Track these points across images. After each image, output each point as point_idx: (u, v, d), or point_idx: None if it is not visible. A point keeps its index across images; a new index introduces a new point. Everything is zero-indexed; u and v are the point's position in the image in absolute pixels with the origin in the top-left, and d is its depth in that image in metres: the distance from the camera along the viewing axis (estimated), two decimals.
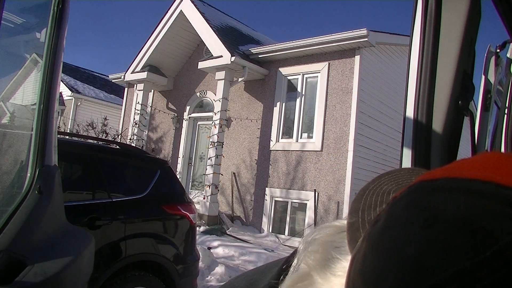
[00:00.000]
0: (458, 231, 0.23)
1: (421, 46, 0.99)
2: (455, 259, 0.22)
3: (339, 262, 0.33)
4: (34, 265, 1.41)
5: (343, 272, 0.31)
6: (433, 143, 0.97)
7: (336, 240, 0.35)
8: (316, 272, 0.33)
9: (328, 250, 0.34)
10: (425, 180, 0.28)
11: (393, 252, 0.25)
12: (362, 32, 7.81)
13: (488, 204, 0.23)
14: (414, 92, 1.00)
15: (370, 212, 0.34)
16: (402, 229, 0.26)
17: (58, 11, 1.57)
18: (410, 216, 0.26)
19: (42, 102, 1.58)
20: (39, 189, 1.53)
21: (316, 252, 0.34)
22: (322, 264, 0.33)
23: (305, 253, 0.35)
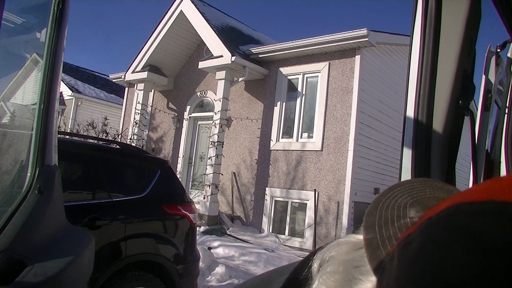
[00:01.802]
0: (508, 258, 0.21)
1: (421, 46, 0.99)
2: (504, 286, 0.21)
3: (362, 283, 0.32)
4: (34, 265, 1.41)
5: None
6: (433, 143, 0.97)
7: (355, 259, 0.33)
8: None
9: (348, 270, 0.33)
10: (465, 202, 0.26)
11: (434, 278, 0.24)
12: (362, 32, 7.81)
13: None
14: (415, 92, 1.00)
15: (388, 228, 0.33)
16: (443, 253, 0.24)
17: (58, 11, 1.57)
18: (452, 241, 0.25)
19: (42, 102, 1.58)
20: (39, 189, 1.53)
21: (336, 272, 0.33)
22: (343, 285, 0.32)
23: (324, 273, 0.34)
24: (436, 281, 0.23)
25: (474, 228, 0.24)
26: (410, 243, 0.27)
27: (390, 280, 0.27)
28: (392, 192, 0.36)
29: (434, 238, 0.26)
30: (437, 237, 0.26)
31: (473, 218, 0.25)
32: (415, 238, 0.27)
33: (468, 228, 0.24)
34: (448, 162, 0.98)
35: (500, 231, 0.22)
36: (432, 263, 0.24)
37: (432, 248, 0.25)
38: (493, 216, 0.24)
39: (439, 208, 0.27)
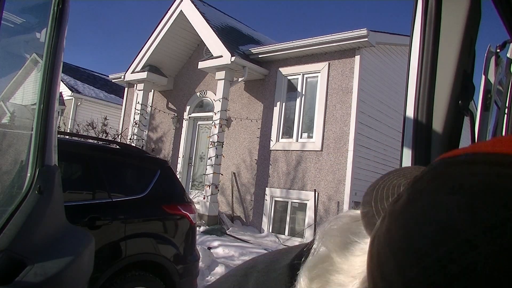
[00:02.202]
0: (485, 194, 0.25)
1: (421, 46, 0.99)
2: (484, 217, 0.24)
3: (358, 244, 0.34)
4: (34, 265, 1.41)
5: (362, 252, 0.33)
6: (433, 143, 0.97)
7: (353, 227, 0.36)
8: (336, 253, 0.35)
9: (347, 235, 0.36)
10: (447, 156, 0.30)
11: (422, 219, 0.26)
12: (362, 32, 7.81)
13: (511, 172, 0.25)
14: (414, 92, 1.00)
15: (383, 202, 0.36)
16: (429, 198, 0.27)
17: (58, 11, 1.57)
18: (436, 187, 0.28)
19: (42, 102, 1.58)
20: (39, 189, 1.53)
21: (336, 236, 0.36)
22: (341, 246, 0.35)
23: (324, 238, 0.37)
24: (427, 219, 0.26)
25: (454, 174, 0.27)
26: (399, 199, 0.30)
27: (381, 232, 0.29)
28: (388, 176, 0.40)
29: (419, 188, 0.29)
30: (422, 186, 0.29)
31: (453, 166, 0.28)
32: (403, 193, 0.30)
33: (450, 174, 0.28)
34: None
35: (475, 173, 0.26)
36: (420, 207, 0.27)
37: (418, 195, 0.28)
38: (469, 163, 0.27)
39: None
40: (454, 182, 0.27)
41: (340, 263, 0.34)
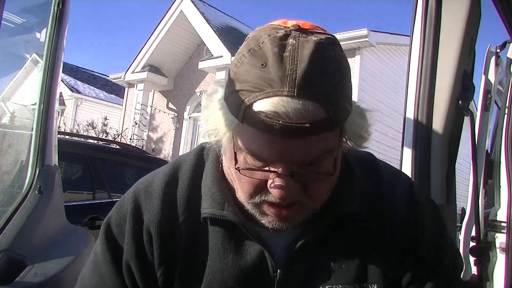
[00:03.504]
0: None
1: (421, 46, 0.99)
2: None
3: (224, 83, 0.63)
4: (34, 265, 1.41)
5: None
6: (433, 143, 0.97)
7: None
8: (219, 86, 0.64)
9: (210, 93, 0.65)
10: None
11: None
12: (362, 32, 7.80)
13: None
14: (414, 92, 1.00)
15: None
16: (241, 47, 0.58)
17: (59, 11, 1.57)
18: (244, 41, 0.59)
19: (42, 102, 1.57)
20: (39, 189, 1.53)
21: (218, 83, 0.65)
22: (219, 84, 0.64)
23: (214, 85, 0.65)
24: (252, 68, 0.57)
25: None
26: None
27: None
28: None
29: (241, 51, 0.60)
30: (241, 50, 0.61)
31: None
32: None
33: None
34: (448, 162, 0.98)
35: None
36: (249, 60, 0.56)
37: (242, 59, 0.58)
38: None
39: None
40: (247, 36, 0.59)
41: (220, 87, 0.63)
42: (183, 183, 0.69)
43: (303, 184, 0.57)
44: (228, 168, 0.63)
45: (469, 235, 1.60)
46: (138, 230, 0.66)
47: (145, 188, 0.70)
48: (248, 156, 0.57)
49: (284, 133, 0.51)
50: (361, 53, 8.13)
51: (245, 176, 0.58)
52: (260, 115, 0.52)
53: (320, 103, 0.52)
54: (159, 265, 0.65)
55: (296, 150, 0.54)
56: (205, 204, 0.65)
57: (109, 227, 0.69)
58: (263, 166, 0.57)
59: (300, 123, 0.51)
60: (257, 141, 0.54)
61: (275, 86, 0.51)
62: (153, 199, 0.68)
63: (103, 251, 0.68)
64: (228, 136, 0.58)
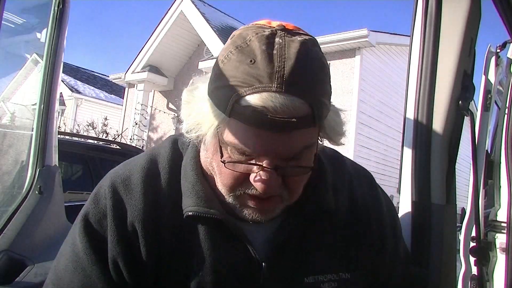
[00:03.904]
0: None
1: (421, 46, 0.99)
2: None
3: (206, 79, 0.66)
4: (34, 265, 1.41)
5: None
6: (433, 143, 0.97)
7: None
8: (200, 83, 0.66)
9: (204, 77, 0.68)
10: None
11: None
12: (362, 32, 7.80)
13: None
14: (415, 92, 1.00)
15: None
16: (225, 44, 0.63)
17: (59, 11, 1.57)
18: (229, 39, 0.64)
19: (42, 102, 1.58)
20: (40, 189, 1.53)
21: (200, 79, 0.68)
22: (202, 80, 0.67)
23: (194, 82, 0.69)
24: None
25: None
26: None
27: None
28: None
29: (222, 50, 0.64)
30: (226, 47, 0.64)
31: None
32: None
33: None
34: (448, 162, 0.98)
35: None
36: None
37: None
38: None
39: None
40: (233, 35, 0.64)
41: (201, 84, 0.65)
42: (164, 177, 0.69)
43: (283, 178, 0.60)
44: (210, 163, 0.65)
45: (469, 235, 1.60)
46: (122, 226, 0.65)
47: (123, 182, 0.68)
48: (233, 150, 0.58)
49: (272, 127, 0.54)
50: (361, 53, 8.13)
51: (227, 170, 0.60)
52: (249, 109, 0.54)
53: (305, 99, 0.55)
54: (146, 260, 0.65)
55: (281, 145, 0.56)
56: (189, 201, 0.65)
57: (88, 223, 0.67)
58: (248, 159, 0.58)
59: (287, 118, 0.53)
60: (244, 134, 0.56)
61: (263, 82, 0.54)
62: (134, 193, 0.67)
63: (86, 251, 0.66)
64: (213, 130, 0.59)
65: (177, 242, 0.66)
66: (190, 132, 0.63)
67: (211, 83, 0.61)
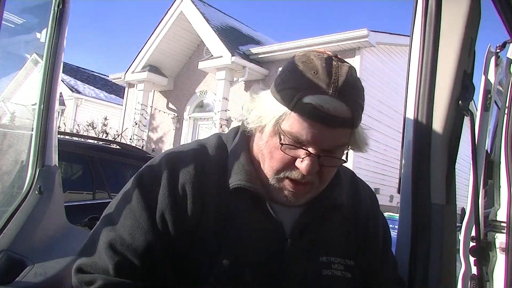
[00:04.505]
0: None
1: (421, 46, 0.99)
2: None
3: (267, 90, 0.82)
4: (34, 265, 1.41)
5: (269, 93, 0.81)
6: (433, 143, 0.97)
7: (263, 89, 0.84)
8: (257, 94, 0.82)
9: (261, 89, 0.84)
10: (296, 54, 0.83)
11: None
12: (362, 32, 7.80)
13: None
14: (414, 92, 1.01)
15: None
16: (289, 61, 0.79)
17: (59, 11, 1.57)
18: (291, 58, 0.80)
19: (42, 102, 1.57)
20: (40, 189, 1.53)
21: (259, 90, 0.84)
22: (260, 87, 0.84)
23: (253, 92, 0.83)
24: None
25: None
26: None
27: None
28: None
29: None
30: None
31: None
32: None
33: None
34: (448, 162, 0.98)
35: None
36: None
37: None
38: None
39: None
40: (296, 55, 0.80)
41: (260, 89, 0.82)
42: (212, 156, 0.83)
43: (319, 167, 0.74)
44: (261, 150, 0.79)
45: (469, 235, 1.60)
46: (173, 185, 0.77)
47: (177, 156, 0.82)
48: (288, 138, 0.73)
49: (324, 121, 0.70)
50: (361, 53, 8.13)
51: (280, 153, 0.74)
52: (309, 105, 0.71)
53: (350, 106, 0.72)
54: (190, 217, 0.76)
55: (327, 137, 0.72)
56: (238, 177, 0.79)
57: (142, 180, 0.80)
58: (298, 146, 0.73)
59: (336, 116, 0.71)
60: (301, 125, 0.72)
61: (322, 88, 0.71)
62: (188, 163, 0.80)
63: (137, 199, 0.77)
64: (274, 121, 0.74)
65: (219, 209, 0.77)
66: (251, 123, 0.78)
67: (277, 86, 0.77)
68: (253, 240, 0.77)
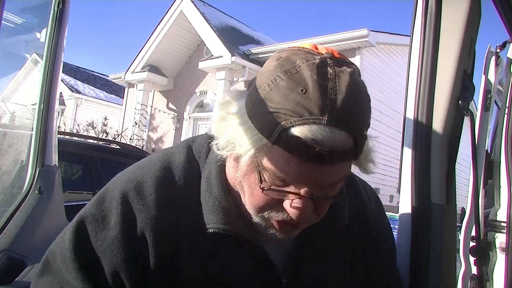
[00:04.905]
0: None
1: (421, 46, 0.99)
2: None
3: (244, 94, 0.64)
4: (34, 265, 1.41)
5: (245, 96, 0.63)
6: (433, 143, 0.97)
7: (240, 90, 0.66)
8: (232, 98, 0.63)
9: (238, 92, 0.65)
10: (279, 50, 0.62)
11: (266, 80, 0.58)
12: (362, 32, 7.80)
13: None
14: (414, 92, 1.00)
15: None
16: (269, 64, 0.60)
17: (59, 11, 1.57)
18: (272, 58, 0.60)
19: (42, 102, 1.58)
20: (40, 189, 1.53)
21: (234, 92, 0.66)
22: (236, 95, 0.64)
23: (227, 94, 0.66)
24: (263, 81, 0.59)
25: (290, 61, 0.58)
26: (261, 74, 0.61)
27: (253, 86, 0.61)
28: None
29: (267, 62, 0.62)
30: (266, 67, 0.60)
31: (288, 51, 0.61)
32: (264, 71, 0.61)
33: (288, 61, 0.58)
34: (448, 162, 0.98)
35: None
36: (262, 76, 0.60)
37: (262, 72, 0.60)
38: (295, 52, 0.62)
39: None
40: (278, 56, 0.60)
41: (234, 103, 0.62)
42: (180, 188, 0.67)
43: (314, 204, 0.60)
44: (239, 182, 0.63)
45: (469, 235, 1.60)
46: (130, 233, 0.63)
47: (135, 188, 0.66)
48: (271, 176, 0.57)
49: (317, 159, 0.53)
50: (361, 53, 8.13)
51: (260, 193, 0.59)
52: (296, 139, 0.53)
53: (351, 133, 0.55)
54: (158, 273, 0.63)
55: (322, 175, 0.56)
56: (214, 217, 0.64)
57: (83, 225, 0.66)
58: (284, 186, 0.58)
59: (334, 151, 0.53)
60: (286, 163, 0.55)
61: (314, 114, 0.53)
62: (148, 201, 0.64)
63: (74, 268, 0.63)
64: (251, 153, 0.57)
65: (194, 255, 0.64)
66: (223, 150, 0.61)
67: (253, 104, 0.58)
68: (244, 286, 0.65)
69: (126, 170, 0.71)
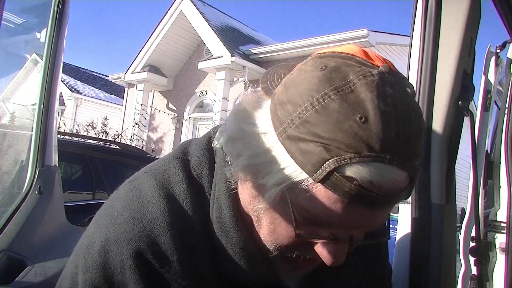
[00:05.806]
0: (335, 71, 0.46)
1: (421, 46, 0.99)
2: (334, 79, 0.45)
3: (263, 101, 0.52)
4: (34, 265, 1.41)
5: (265, 105, 0.51)
6: (433, 143, 0.97)
7: (258, 95, 0.54)
8: (249, 107, 0.53)
9: (256, 97, 0.54)
10: (319, 53, 0.51)
11: (296, 83, 0.48)
12: (362, 32, 7.80)
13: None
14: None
15: (275, 79, 0.53)
16: (308, 73, 0.47)
17: (59, 11, 1.57)
18: (313, 65, 0.48)
19: (42, 102, 1.58)
20: (39, 189, 1.53)
21: (249, 97, 0.55)
22: (253, 103, 0.53)
23: (240, 99, 0.57)
24: (301, 83, 0.47)
25: (325, 60, 0.49)
26: (291, 75, 0.51)
27: (278, 91, 0.50)
28: (271, 70, 0.57)
29: (303, 68, 0.50)
30: (305, 67, 0.50)
31: (322, 57, 0.50)
32: (293, 72, 0.51)
33: (322, 61, 0.49)
34: (448, 162, 0.98)
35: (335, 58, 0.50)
36: (301, 77, 0.48)
37: (303, 71, 0.49)
38: (333, 56, 0.50)
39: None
40: (322, 64, 0.47)
41: (253, 111, 0.52)
42: (196, 231, 0.54)
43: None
44: (255, 212, 0.52)
45: (469, 235, 1.60)
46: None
47: (148, 245, 0.52)
48: (305, 215, 0.47)
49: (370, 204, 0.44)
50: None
51: (286, 232, 0.50)
52: (349, 180, 0.42)
53: (410, 172, 0.45)
54: None
55: (369, 219, 0.47)
56: (233, 266, 0.54)
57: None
58: (317, 226, 0.48)
59: (391, 196, 0.44)
60: (330, 205, 0.44)
61: (374, 150, 0.42)
62: (170, 261, 0.52)
63: None
64: (282, 187, 0.46)
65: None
66: (242, 175, 0.51)
67: (288, 125, 0.45)
68: None
69: (119, 214, 0.55)
